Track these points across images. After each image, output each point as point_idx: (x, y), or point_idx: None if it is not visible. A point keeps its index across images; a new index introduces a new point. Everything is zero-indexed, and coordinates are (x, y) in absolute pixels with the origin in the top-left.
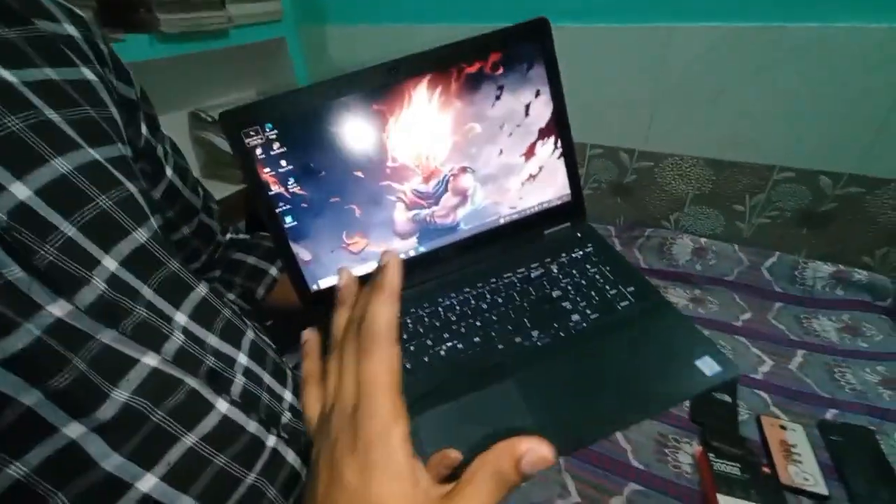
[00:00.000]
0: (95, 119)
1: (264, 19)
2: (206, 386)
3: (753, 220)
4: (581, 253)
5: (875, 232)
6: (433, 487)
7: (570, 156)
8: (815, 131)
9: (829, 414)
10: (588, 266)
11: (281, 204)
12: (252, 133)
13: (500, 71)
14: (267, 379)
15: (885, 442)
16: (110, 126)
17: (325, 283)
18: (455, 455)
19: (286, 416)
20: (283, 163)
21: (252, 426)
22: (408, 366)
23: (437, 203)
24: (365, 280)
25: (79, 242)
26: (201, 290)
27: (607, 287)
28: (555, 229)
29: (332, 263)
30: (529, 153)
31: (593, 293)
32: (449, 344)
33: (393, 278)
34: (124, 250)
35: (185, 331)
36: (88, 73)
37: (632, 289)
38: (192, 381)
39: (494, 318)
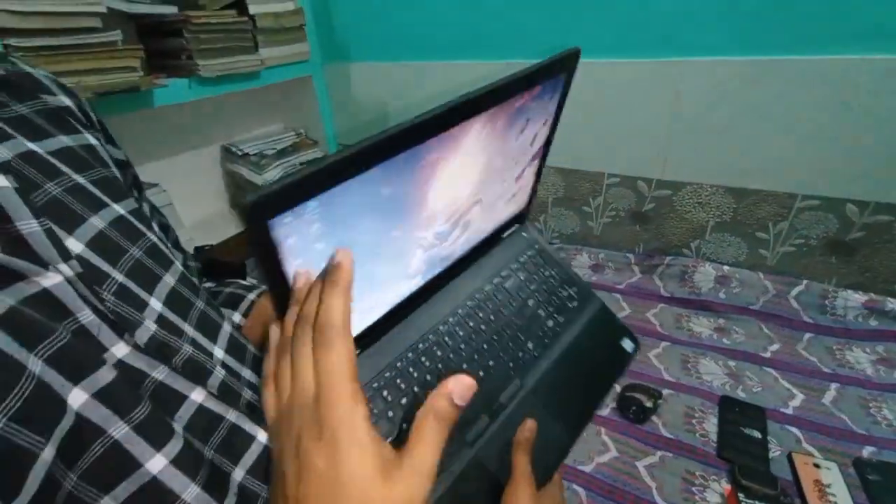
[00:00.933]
0: (109, 178)
1: (293, 60)
2: (246, 418)
3: (778, 248)
4: (531, 253)
5: None
6: (394, 454)
7: (539, 173)
8: (838, 159)
9: (866, 451)
10: (540, 268)
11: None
12: (287, 219)
13: (533, 104)
14: (247, 374)
15: None
16: (119, 184)
17: None
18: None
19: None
20: (318, 245)
21: (232, 416)
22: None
23: (447, 240)
24: None
25: (129, 287)
26: (227, 326)
27: (560, 289)
28: (508, 232)
29: None
30: (520, 177)
31: (553, 297)
32: (468, 364)
33: (345, 274)
34: (162, 293)
35: (224, 365)
36: (91, 138)
37: (574, 288)
38: (232, 416)
39: (495, 338)
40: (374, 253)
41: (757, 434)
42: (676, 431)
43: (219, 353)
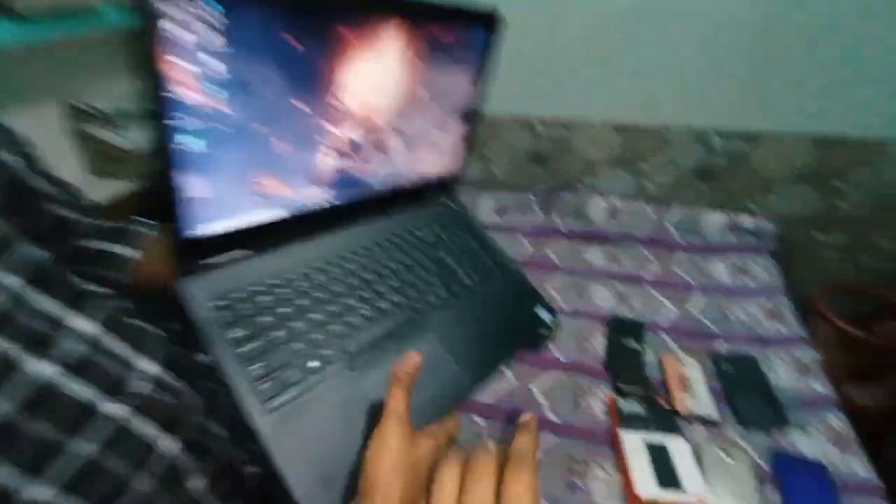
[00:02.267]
0: None
1: None
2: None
3: (658, 178)
4: (456, 220)
5: (757, 181)
6: None
7: (471, 139)
8: (706, 92)
9: (722, 347)
10: (461, 233)
11: (190, 118)
12: (176, 4)
13: (459, 44)
14: (119, 348)
15: (767, 366)
16: None
17: (212, 229)
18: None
19: (140, 385)
20: (216, 62)
21: (88, 392)
22: (332, 328)
23: (362, 155)
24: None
25: None
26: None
27: (481, 255)
28: (434, 194)
29: (230, 206)
30: (444, 128)
31: (473, 260)
32: (369, 303)
33: (535, 428)
34: None
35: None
36: None
37: (497, 257)
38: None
39: (404, 277)
40: (274, 115)
41: (636, 345)
42: (570, 353)
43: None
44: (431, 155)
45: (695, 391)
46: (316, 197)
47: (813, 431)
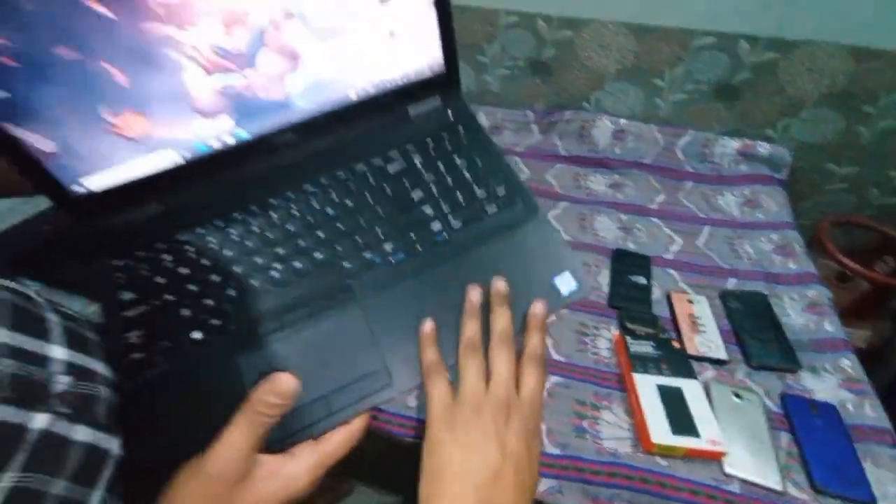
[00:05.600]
0: None
1: None
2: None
3: (671, 96)
4: (450, 138)
5: (781, 102)
6: None
7: (445, 11)
8: None
9: (730, 283)
10: (457, 157)
11: None
12: None
13: None
14: (13, 339)
15: (776, 303)
16: None
17: (95, 183)
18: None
19: (62, 382)
20: None
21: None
22: (232, 293)
23: (252, 67)
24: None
25: None
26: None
27: (476, 187)
28: (422, 107)
29: (99, 154)
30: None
31: (459, 195)
32: (285, 263)
33: (545, 319)
34: None
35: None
36: None
37: (502, 190)
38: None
39: (341, 227)
40: (73, 33)
41: (643, 280)
42: None
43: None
44: (385, 48)
45: (705, 331)
46: (210, 131)
47: (824, 374)
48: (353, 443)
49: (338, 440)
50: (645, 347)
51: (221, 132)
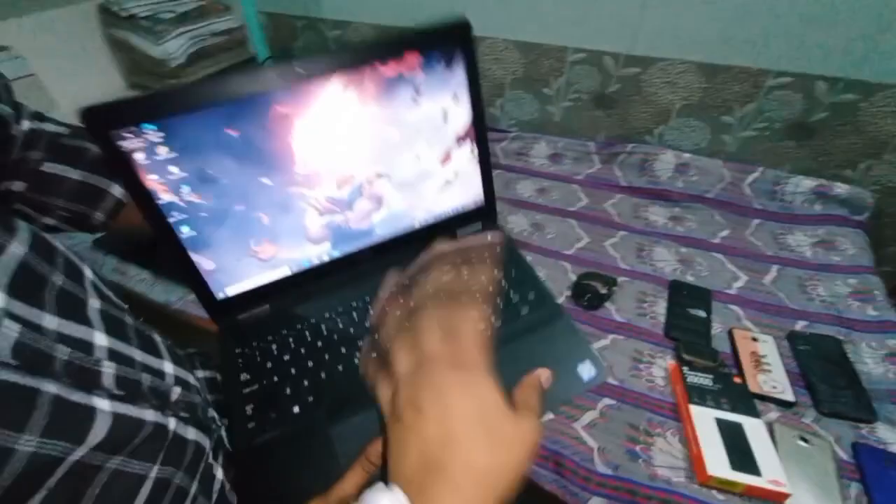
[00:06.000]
0: None
1: None
2: (69, 387)
3: (740, 132)
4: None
5: (861, 143)
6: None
7: (486, 160)
8: (816, 31)
9: (799, 325)
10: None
11: (174, 213)
12: (127, 135)
13: (418, 73)
14: (139, 356)
15: (852, 350)
16: None
17: (232, 291)
18: None
19: (176, 392)
20: (174, 169)
21: (149, 415)
22: (322, 375)
23: (350, 209)
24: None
25: None
26: (17, 248)
27: (512, 293)
28: (467, 230)
29: (239, 271)
30: (446, 159)
31: (498, 300)
32: (360, 354)
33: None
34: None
35: (12, 315)
36: None
37: (532, 296)
38: (50, 387)
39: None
40: (246, 195)
41: (702, 313)
42: (628, 315)
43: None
44: (444, 191)
45: (770, 371)
46: (314, 253)
47: None
48: None
49: None
50: (703, 380)
51: (321, 253)
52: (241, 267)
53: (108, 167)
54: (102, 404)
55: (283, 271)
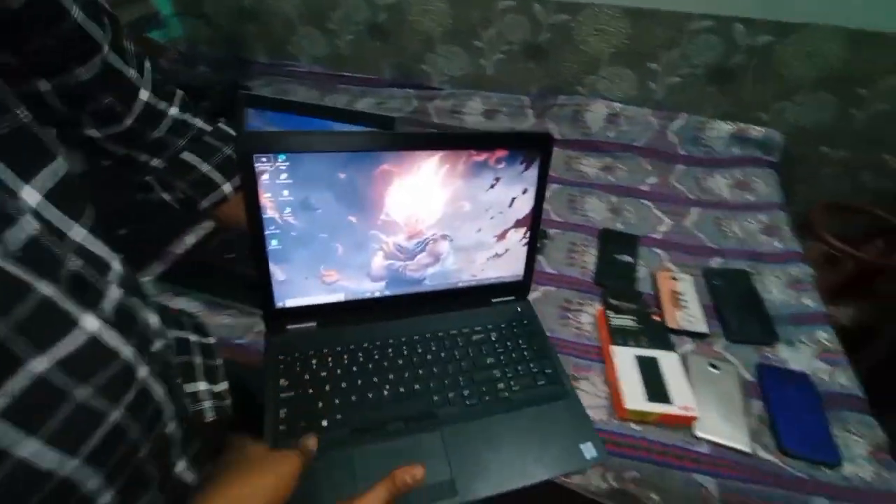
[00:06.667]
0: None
1: None
2: (66, 296)
3: (667, 79)
4: (516, 326)
5: (775, 86)
6: None
7: (533, 245)
8: None
9: (715, 262)
10: (521, 341)
11: (272, 227)
12: (264, 159)
13: (502, 165)
14: (139, 296)
15: (758, 280)
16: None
17: (290, 304)
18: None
19: (157, 344)
20: (286, 192)
21: (126, 351)
22: (353, 398)
23: (412, 259)
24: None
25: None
26: (61, 162)
27: (531, 365)
28: (501, 299)
29: (303, 288)
30: (502, 236)
31: (519, 368)
32: (393, 386)
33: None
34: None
35: (38, 215)
36: None
37: (549, 370)
38: (46, 288)
39: (435, 370)
40: (333, 227)
41: (629, 259)
42: (558, 266)
43: (31, 196)
44: (491, 261)
45: (687, 307)
46: (370, 288)
47: (801, 346)
48: None
49: None
50: (626, 321)
51: (375, 289)
52: (306, 285)
53: (240, 177)
54: (89, 323)
55: (338, 297)
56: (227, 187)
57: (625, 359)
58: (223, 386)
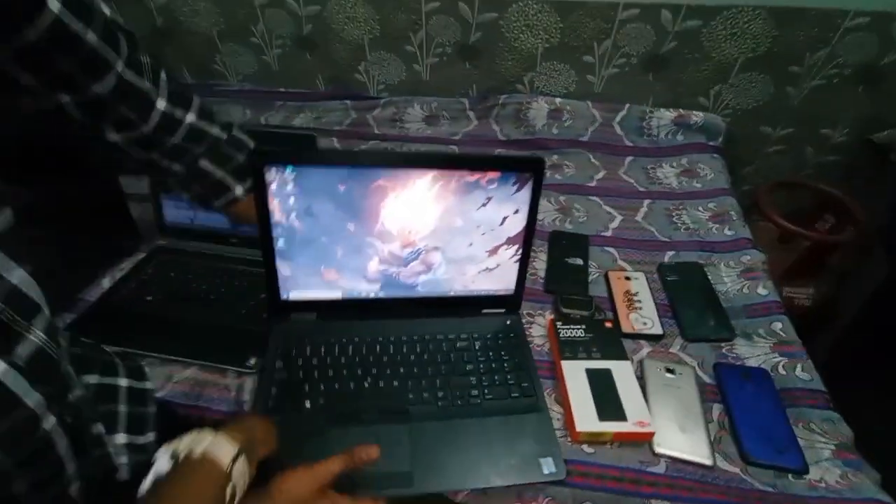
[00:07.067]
0: None
1: None
2: None
3: (603, 71)
4: (502, 338)
5: (709, 70)
6: None
7: (525, 264)
8: None
9: (668, 256)
10: (503, 353)
11: (279, 229)
12: (274, 170)
13: (494, 186)
14: (65, 345)
15: (713, 271)
16: None
17: (293, 296)
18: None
19: (75, 392)
20: (291, 200)
21: (32, 399)
22: (337, 386)
23: (405, 266)
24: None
25: None
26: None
27: (508, 377)
28: (491, 311)
29: (304, 283)
30: (493, 252)
31: (496, 377)
32: (374, 379)
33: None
34: None
35: None
36: None
37: (525, 384)
38: None
39: (414, 370)
40: (332, 232)
41: (579, 261)
42: None
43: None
44: (482, 274)
45: (641, 307)
46: (365, 289)
47: (758, 340)
48: None
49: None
50: (575, 332)
51: (370, 290)
52: (307, 281)
53: (252, 184)
54: None
55: (336, 294)
56: (238, 190)
57: (575, 373)
58: (149, 437)
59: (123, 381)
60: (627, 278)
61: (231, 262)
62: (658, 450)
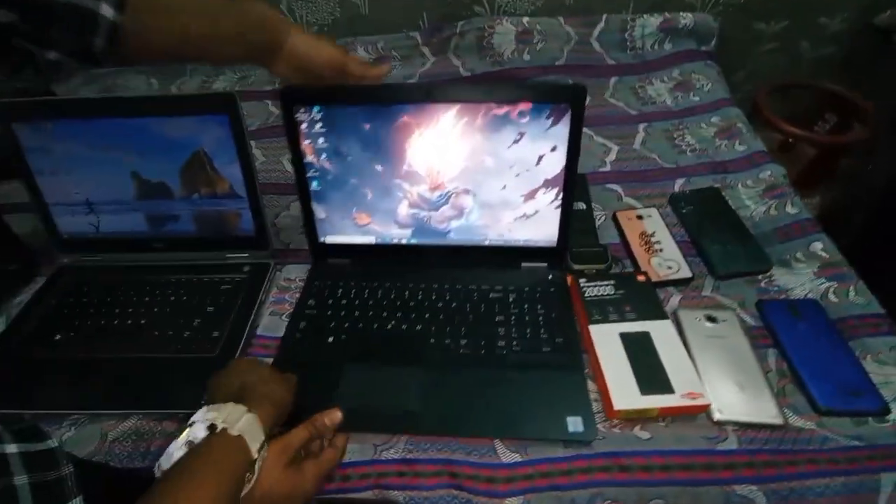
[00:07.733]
0: None
1: None
2: None
3: None
4: (541, 293)
5: None
6: None
7: (567, 211)
8: None
9: (678, 185)
10: (540, 306)
11: (312, 171)
12: (303, 110)
13: (525, 120)
14: None
15: (731, 195)
16: None
17: (329, 240)
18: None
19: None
20: (321, 140)
21: None
22: (360, 325)
23: (436, 210)
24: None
25: None
26: None
27: (542, 330)
28: (532, 264)
29: (339, 227)
30: (530, 196)
31: (528, 330)
32: (398, 322)
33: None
34: None
35: None
36: None
37: (560, 340)
38: None
39: (441, 317)
40: (361, 173)
41: (582, 205)
42: None
43: None
44: (519, 221)
45: (661, 249)
46: (397, 234)
47: (798, 266)
48: (340, 456)
49: (329, 457)
50: (603, 289)
51: (402, 236)
52: (342, 224)
53: (285, 127)
54: None
55: (369, 239)
56: (104, 9)
57: (608, 340)
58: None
59: (12, 448)
60: (639, 217)
61: (158, 272)
62: (718, 417)
